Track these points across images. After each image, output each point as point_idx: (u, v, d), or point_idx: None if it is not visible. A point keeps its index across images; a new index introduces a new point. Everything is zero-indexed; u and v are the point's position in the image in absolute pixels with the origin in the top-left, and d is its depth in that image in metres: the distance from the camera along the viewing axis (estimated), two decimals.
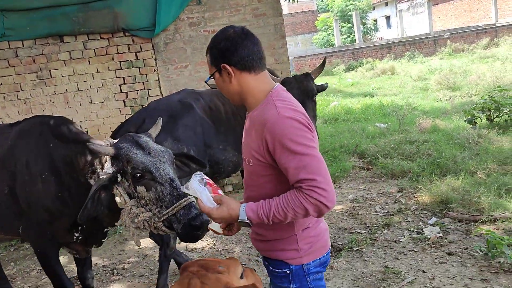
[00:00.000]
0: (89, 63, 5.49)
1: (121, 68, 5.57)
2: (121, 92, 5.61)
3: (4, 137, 2.69)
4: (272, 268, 1.83)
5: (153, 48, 5.63)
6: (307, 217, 1.63)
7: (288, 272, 1.78)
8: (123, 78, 5.59)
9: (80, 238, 2.65)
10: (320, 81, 4.53)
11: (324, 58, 4.19)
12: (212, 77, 1.79)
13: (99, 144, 2.30)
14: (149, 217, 2.17)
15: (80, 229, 2.61)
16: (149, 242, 4.63)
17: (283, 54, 5.96)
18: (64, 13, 5.26)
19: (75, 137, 2.54)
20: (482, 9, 26.03)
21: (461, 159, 5.58)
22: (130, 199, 2.21)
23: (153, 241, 4.38)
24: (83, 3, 5.27)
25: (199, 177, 1.72)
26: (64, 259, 4.47)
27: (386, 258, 3.73)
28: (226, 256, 4.17)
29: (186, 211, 2.08)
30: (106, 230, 2.70)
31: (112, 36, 5.49)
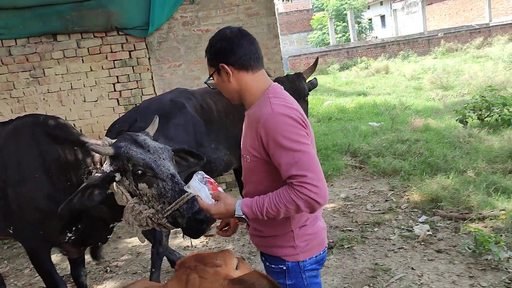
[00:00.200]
0: (82, 62, 5.50)
1: (114, 67, 5.58)
2: (115, 90, 5.63)
3: None
4: (268, 264, 1.87)
5: (146, 47, 5.65)
6: (299, 213, 1.66)
7: (284, 268, 1.82)
8: (117, 77, 5.61)
9: (72, 238, 2.64)
10: (313, 78, 4.56)
11: (317, 58, 4.23)
12: (211, 78, 1.82)
13: (99, 144, 2.30)
14: (153, 213, 2.18)
15: (74, 229, 2.60)
16: None
17: (276, 53, 6.00)
18: (57, 12, 5.25)
19: (69, 137, 2.53)
20: (476, 9, 26.18)
21: (451, 158, 5.65)
22: (132, 197, 2.22)
23: (146, 239, 4.42)
24: (76, 1, 5.27)
25: (200, 176, 1.79)
26: (56, 257, 4.49)
27: (376, 255, 3.78)
28: None
29: (189, 205, 2.09)
30: (111, 226, 2.67)
31: (105, 35, 5.50)
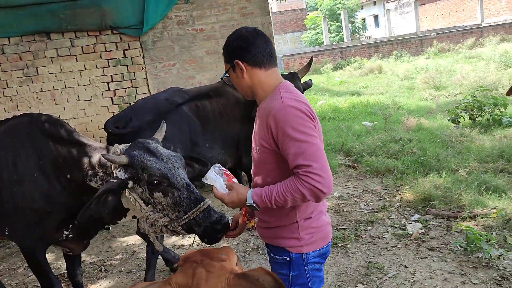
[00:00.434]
0: (76, 61, 5.50)
1: (109, 66, 5.58)
2: (109, 89, 5.62)
3: None
4: (273, 255, 1.94)
5: (141, 46, 5.65)
6: (305, 201, 1.73)
7: (288, 259, 1.88)
8: (111, 75, 5.61)
9: (70, 236, 2.63)
10: (308, 79, 4.60)
11: (311, 58, 4.26)
12: (227, 73, 1.94)
13: (113, 153, 2.30)
14: (168, 222, 2.18)
15: (71, 226, 2.59)
16: (137, 239, 4.67)
17: None
18: (51, 10, 5.25)
19: (68, 137, 2.51)
20: (468, 10, 26.38)
21: (444, 157, 5.71)
22: (145, 205, 2.22)
23: (141, 238, 4.42)
24: (70, 0, 5.27)
25: (216, 168, 1.93)
26: (50, 256, 4.48)
27: (369, 253, 3.82)
28: None
29: (206, 214, 2.11)
30: (107, 226, 2.68)
31: (99, 33, 5.51)
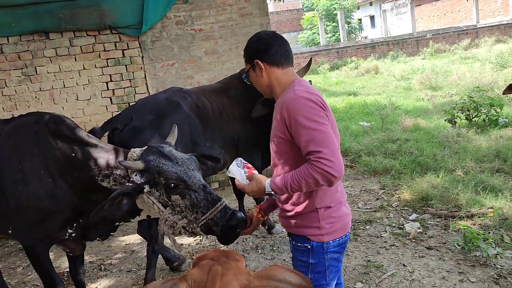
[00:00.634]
0: (75, 60, 5.49)
1: (107, 66, 5.58)
2: (108, 89, 5.62)
3: None
4: (295, 243, 2.04)
5: (140, 46, 5.65)
6: (319, 186, 1.83)
7: (309, 247, 1.98)
8: (110, 75, 5.60)
9: (73, 235, 2.63)
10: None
11: (310, 59, 4.28)
12: (247, 74, 2.11)
13: (129, 158, 2.34)
14: (186, 223, 2.23)
15: (75, 225, 2.60)
16: (136, 238, 4.68)
17: None
18: (50, 10, 5.23)
19: (76, 137, 2.52)
20: (464, 11, 26.53)
21: (441, 157, 5.76)
22: (164, 207, 2.26)
23: (140, 237, 4.44)
24: (69, 0, 5.27)
25: (238, 161, 2.08)
26: (51, 255, 4.47)
27: (368, 252, 3.85)
28: None
29: (223, 213, 2.18)
30: (117, 224, 2.69)
31: (98, 33, 5.49)
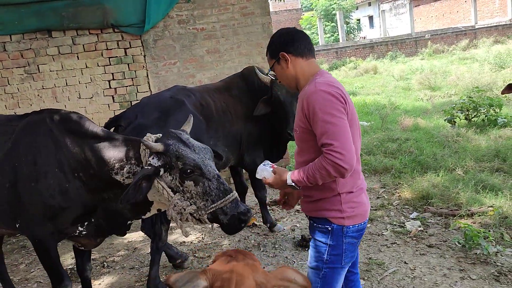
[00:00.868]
0: (78, 59, 5.51)
1: (110, 64, 5.60)
2: (110, 88, 5.64)
3: (12, 129, 2.63)
4: (316, 225, 2.12)
5: (142, 45, 5.68)
6: (332, 178, 1.92)
7: (330, 229, 2.05)
8: (112, 74, 5.63)
9: (83, 233, 2.64)
10: None
11: None
12: (272, 68, 2.19)
13: (150, 140, 2.37)
14: (194, 210, 2.29)
15: (86, 224, 2.60)
16: (138, 236, 4.70)
17: None
18: (53, 8, 5.25)
19: (91, 133, 2.53)
20: (462, 11, 26.61)
21: (441, 157, 5.80)
22: (173, 193, 2.31)
23: (143, 235, 4.47)
24: None
25: (265, 163, 2.19)
26: None
27: (370, 250, 3.89)
28: (215, 249, 4.27)
29: (234, 204, 2.27)
30: (129, 222, 2.70)
31: (101, 32, 5.52)
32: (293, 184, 2.02)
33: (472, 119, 7.44)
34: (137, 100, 5.46)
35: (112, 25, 5.47)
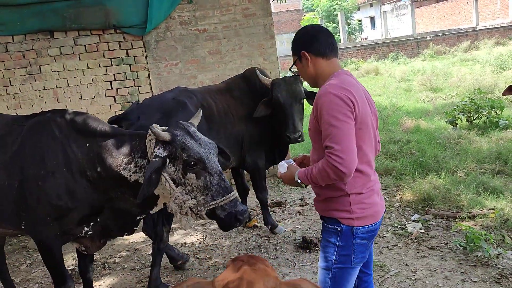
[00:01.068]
0: (79, 59, 5.51)
1: (111, 65, 5.61)
2: (112, 88, 5.64)
3: (19, 130, 2.62)
4: (326, 224, 2.15)
5: (144, 46, 5.68)
6: (331, 181, 1.95)
7: (339, 229, 2.07)
8: (114, 74, 5.63)
9: (89, 233, 2.63)
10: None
11: None
12: (294, 65, 2.23)
13: (150, 136, 2.37)
14: (194, 204, 2.31)
15: (92, 224, 2.60)
16: (139, 237, 4.71)
17: (272, 54, 6.09)
18: (55, 9, 5.26)
19: (101, 132, 2.53)
20: (464, 13, 26.61)
21: (442, 159, 5.80)
22: (175, 185, 2.32)
23: (144, 236, 4.47)
24: None
25: (288, 160, 2.26)
26: None
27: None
28: (216, 250, 4.27)
29: (233, 203, 2.30)
30: (138, 218, 2.71)
31: (103, 32, 5.52)
32: (299, 181, 2.08)
33: (473, 121, 7.44)
34: (138, 101, 5.46)
35: (114, 26, 5.48)
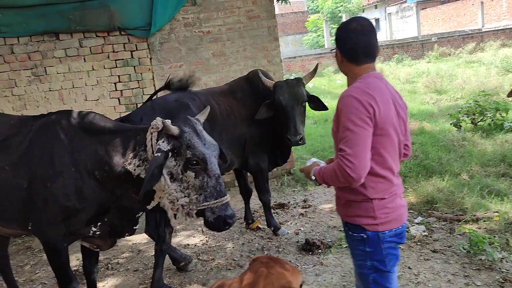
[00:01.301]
0: (84, 61, 5.54)
1: (116, 67, 5.64)
2: (116, 90, 5.67)
3: (27, 130, 2.63)
4: (351, 233, 2.13)
5: (148, 48, 5.71)
6: (341, 184, 1.95)
7: (365, 237, 2.05)
8: (118, 76, 5.66)
9: (97, 233, 2.64)
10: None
11: (316, 65, 4.31)
12: (333, 51, 2.18)
13: (153, 128, 2.38)
14: (186, 203, 2.32)
15: (100, 224, 2.60)
16: (142, 238, 4.72)
17: (276, 56, 6.09)
18: (60, 11, 5.29)
19: (109, 129, 2.54)
20: (469, 14, 26.49)
21: (446, 161, 5.78)
22: (170, 181, 2.33)
23: (147, 237, 4.48)
24: (79, 1, 5.31)
25: (313, 159, 2.27)
26: None
27: None
28: (218, 252, 4.28)
29: (224, 207, 2.33)
30: (138, 215, 2.72)
31: (108, 34, 5.55)
32: (314, 178, 2.10)
33: (478, 123, 7.41)
34: (143, 102, 5.48)
35: (118, 28, 5.51)
